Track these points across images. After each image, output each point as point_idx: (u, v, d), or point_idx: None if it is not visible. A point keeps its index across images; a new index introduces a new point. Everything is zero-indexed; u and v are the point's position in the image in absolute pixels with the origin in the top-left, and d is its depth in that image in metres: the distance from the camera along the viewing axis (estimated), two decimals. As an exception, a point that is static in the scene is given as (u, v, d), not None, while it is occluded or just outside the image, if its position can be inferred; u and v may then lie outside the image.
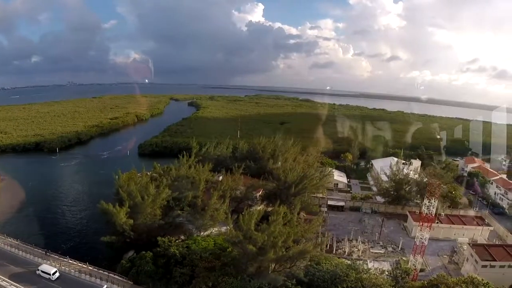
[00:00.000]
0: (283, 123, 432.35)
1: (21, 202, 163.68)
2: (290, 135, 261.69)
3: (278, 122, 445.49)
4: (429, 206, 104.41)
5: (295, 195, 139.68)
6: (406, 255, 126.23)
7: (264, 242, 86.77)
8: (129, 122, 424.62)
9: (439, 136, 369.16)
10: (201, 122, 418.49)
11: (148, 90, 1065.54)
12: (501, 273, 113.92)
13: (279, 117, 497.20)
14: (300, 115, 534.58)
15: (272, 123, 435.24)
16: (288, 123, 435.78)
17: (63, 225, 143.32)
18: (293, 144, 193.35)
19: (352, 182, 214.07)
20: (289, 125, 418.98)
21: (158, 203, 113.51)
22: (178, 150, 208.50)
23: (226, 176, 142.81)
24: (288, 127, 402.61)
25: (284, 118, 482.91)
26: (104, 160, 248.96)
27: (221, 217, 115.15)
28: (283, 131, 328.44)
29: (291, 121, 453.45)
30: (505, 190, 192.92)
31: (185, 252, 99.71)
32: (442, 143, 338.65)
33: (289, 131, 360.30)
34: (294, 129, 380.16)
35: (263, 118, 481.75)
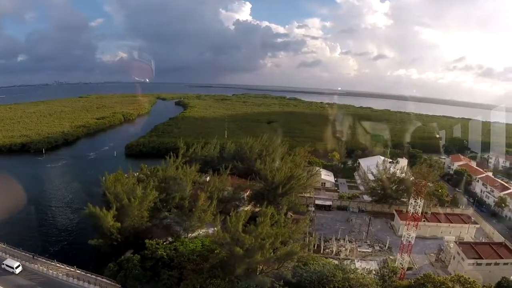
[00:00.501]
0: (271, 122, 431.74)
1: (7, 204, 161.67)
2: (278, 135, 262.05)
3: (266, 121, 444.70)
4: (415, 206, 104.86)
5: (283, 195, 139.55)
6: (393, 254, 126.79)
7: (252, 244, 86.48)
8: (115, 122, 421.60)
9: (426, 135, 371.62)
10: (188, 121, 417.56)
11: (135, 89, 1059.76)
12: (487, 270, 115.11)
13: (267, 116, 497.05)
14: (287, 114, 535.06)
15: (260, 122, 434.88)
16: (275, 122, 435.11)
17: (51, 228, 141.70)
18: (280, 144, 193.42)
19: (339, 181, 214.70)
20: (277, 124, 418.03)
21: (145, 205, 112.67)
22: (165, 150, 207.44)
23: (213, 177, 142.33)
24: (275, 126, 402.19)
25: (271, 117, 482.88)
26: (91, 161, 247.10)
27: (209, 218, 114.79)
28: (271, 130, 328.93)
29: (279, 120, 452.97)
30: (491, 188, 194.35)
31: (173, 254, 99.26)
32: (429, 141, 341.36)
33: (277, 130, 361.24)
34: (281, 128, 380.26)
35: (251, 117, 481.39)
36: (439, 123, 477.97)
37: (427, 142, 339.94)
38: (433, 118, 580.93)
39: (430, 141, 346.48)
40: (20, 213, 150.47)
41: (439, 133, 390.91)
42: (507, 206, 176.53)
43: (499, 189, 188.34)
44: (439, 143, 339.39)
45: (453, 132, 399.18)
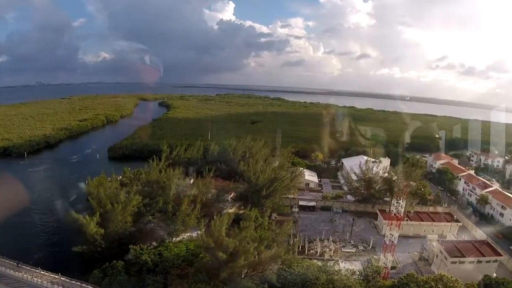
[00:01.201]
0: (254, 123, 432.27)
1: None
2: (261, 135, 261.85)
3: (249, 121, 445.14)
4: (397, 206, 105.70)
5: (267, 197, 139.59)
6: (377, 253, 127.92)
7: (235, 248, 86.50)
8: (98, 124, 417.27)
9: (409, 133, 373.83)
10: (172, 123, 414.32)
11: (117, 90, 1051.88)
12: (470, 268, 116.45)
13: (250, 116, 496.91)
14: (271, 114, 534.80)
15: (243, 122, 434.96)
16: (259, 122, 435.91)
17: (34, 235, 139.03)
18: (263, 145, 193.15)
19: (323, 181, 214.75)
20: (260, 124, 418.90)
21: (128, 210, 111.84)
22: (148, 152, 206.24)
23: (197, 180, 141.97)
24: (259, 126, 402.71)
25: (255, 117, 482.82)
26: (73, 164, 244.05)
27: (193, 222, 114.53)
28: (254, 131, 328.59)
29: (262, 120, 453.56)
30: (472, 186, 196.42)
31: (157, 260, 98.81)
32: (412, 140, 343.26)
33: (260, 130, 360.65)
34: (265, 128, 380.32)
35: (234, 118, 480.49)
36: (422, 122, 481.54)
37: (410, 140, 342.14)
38: (416, 116, 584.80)
39: (412, 139, 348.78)
40: (1, 220, 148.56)
41: (422, 131, 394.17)
42: (489, 204, 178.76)
43: (481, 187, 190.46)
44: (421, 142, 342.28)
45: (436, 130, 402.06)
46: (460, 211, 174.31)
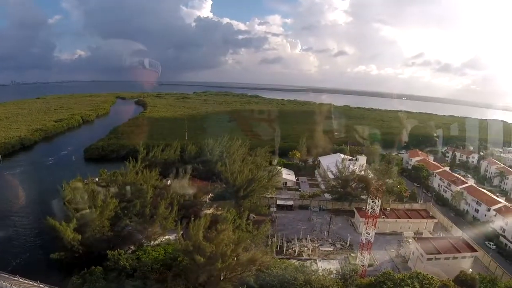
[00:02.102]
0: (232, 121, 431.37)
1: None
2: (239, 134, 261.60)
3: (227, 120, 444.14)
4: (373, 206, 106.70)
5: (244, 198, 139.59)
6: (354, 251, 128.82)
7: (213, 252, 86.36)
8: (74, 125, 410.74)
9: (385, 130, 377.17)
10: (149, 122, 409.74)
11: (94, 88, 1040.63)
12: (446, 264, 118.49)
13: (228, 114, 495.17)
14: (248, 112, 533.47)
15: (221, 121, 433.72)
16: (236, 120, 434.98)
17: (11, 241, 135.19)
18: (241, 144, 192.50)
19: (300, 179, 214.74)
20: (238, 122, 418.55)
21: (106, 215, 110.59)
22: (125, 153, 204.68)
23: (174, 182, 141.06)
24: (236, 124, 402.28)
25: (233, 115, 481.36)
26: (49, 167, 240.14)
27: (170, 225, 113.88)
28: (232, 130, 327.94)
29: (240, 118, 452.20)
30: (448, 182, 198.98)
31: (136, 265, 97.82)
32: (387, 137, 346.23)
33: (238, 129, 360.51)
34: (242, 126, 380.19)
35: (212, 116, 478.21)
36: (398, 118, 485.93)
37: (386, 137, 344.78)
38: (392, 113, 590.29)
39: (388, 136, 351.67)
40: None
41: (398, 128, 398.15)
42: (464, 200, 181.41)
43: (456, 183, 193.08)
44: (397, 139, 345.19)
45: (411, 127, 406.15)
46: (435, 208, 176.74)
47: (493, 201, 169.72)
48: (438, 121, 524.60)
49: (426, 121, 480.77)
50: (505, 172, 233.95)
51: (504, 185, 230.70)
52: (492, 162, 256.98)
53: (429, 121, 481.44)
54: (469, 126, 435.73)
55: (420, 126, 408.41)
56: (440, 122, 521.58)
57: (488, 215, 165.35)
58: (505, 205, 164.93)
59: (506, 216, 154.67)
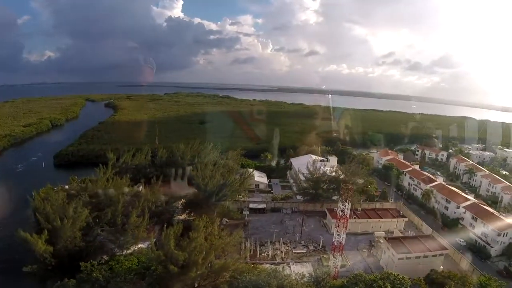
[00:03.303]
0: (203, 123, 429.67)
1: None
2: (210, 136, 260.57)
3: (199, 121, 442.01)
4: (343, 209, 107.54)
5: (216, 203, 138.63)
6: (327, 252, 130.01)
7: (186, 260, 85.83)
8: (43, 129, 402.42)
9: (356, 130, 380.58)
10: (119, 125, 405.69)
11: (63, 90, 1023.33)
12: (417, 263, 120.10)
13: (200, 116, 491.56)
14: (220, 113, 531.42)
15: (192, 123, 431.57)
16: (208, 122, 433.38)
17: None
18: (212, 148, 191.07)
19: (272, 181, 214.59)
20: (210, 124, 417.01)
21: (77, 226, 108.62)
22: (95, 158, 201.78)
23: (145, 189, 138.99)
24: (208, 126, 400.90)
25: (204, 117, 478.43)
26: (19, 174, 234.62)
27: (142, 234, 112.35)
28: (203, 132, 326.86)
29: (212, 120, 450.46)
30: (417, 180, 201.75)
31: (109, 275, 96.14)
32: (358, 136, 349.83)
33: (210, 130, 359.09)
34: (214, 128, 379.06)
35: (183, 118, 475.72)
36: (369, 117, 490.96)
37: (357, 137, 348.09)
38: (363, 112, 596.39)
39: (359, 136, 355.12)
40: None
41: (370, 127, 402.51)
42: (434, 198, 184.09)
43: (426, 182, 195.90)
44: (368, 138, 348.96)
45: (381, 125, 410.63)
46: (406, 206, 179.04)
47: (462, 199, 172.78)
48: (408, 119, 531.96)
49: (398, 119, 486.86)
50: (474, 169, 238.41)
51: (473, 182, 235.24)
52: (461, 159, 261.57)
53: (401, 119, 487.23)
54: (438, 124, 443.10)
55: (390, 125, 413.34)
56: (410, 120, 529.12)
57: (458, 213, 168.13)
58: (474, 202, 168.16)
59: (474, 213, 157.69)
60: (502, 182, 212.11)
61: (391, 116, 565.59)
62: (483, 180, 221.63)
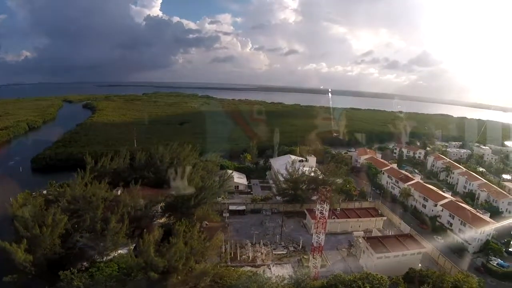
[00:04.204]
0: (183, 123, 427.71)
1: None
2: (190, 137, 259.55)
3: (178, 122, 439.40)
4: (321, 210, 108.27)
5: (196, 206, 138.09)
6: (307, 253, 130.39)
7: (165, 267, 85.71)
8: (20, 132, 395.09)
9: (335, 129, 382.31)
10: (97, 127, 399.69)
11: (41, 91, 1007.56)
12: (396, 262, 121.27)
13: (179, 117, 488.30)
14: (199, 114, 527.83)
15: (172, 124, 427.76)
16: (188, 122, 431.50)
17: None
18: (191, 149, 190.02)
19: (252, 182, 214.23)
20: (189, 125, 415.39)
21: (56, 233, 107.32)
22: (73, 162, 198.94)
23: (124, 193, 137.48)
24: (187, 127, 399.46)
25: (184, 117, 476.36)
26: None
27: (122, 240, 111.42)
28: (183, 133, 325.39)
29: (191, 120, 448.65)
30: (395, 179, 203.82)
31: (90, 283, 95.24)
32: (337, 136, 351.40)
33: (189, 131, 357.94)
34: (193, 129, 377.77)
35: (162, 119, 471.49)
36: (347, 116, 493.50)
37: (337, 136, 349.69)
38: (342, 111, 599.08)
39: (338, 134, 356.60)
40: None
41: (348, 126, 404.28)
42: (412, 196, 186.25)
43: (403, 180, 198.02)
44: (346, 137, 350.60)
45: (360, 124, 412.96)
46: (384, 205, 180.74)
47: (439, 197, 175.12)
48: (386, 117, 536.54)
49: (377, 117, 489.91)
50: (451, 167, 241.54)
51: (450, 179, 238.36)
52: (438, 157, 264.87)
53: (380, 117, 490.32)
54: (416, 122, 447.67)
55: (368, 123, 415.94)
56: (388, 118, 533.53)
57: (435, 211, 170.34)
58: (451, 200, 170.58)
59: (451, 211, 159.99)
60: (479, 179, 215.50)
61: (370, 114, 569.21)
62: (460, 177, 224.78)
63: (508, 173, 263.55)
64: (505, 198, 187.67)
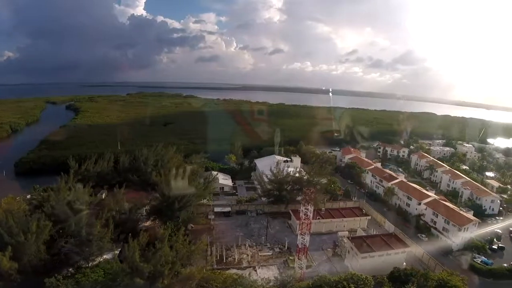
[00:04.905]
0: (167, 124, 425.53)
1: None
2: (174, 137, 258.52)
3: (162, 123, 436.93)
4: (306, 212, 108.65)
5: (181, 209, 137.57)
6: (292, 254, 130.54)
7: (151, 272, 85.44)
8: (3, 135, 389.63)
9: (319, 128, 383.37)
10: (80, 129, 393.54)
11: (24, 92, 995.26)
12: (380, 261, 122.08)
13: (163, 117, 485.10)
14: (183, 114, 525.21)
15: (156, 125, 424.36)
16: (172, 123, 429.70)
17: None
18: (176, 151, 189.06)
19: (237, 183, 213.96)
20: (173, 126, 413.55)
21: (41, 239, 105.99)
22: (57, 165, 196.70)
23: (108, 198, 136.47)
24: (172, 128, 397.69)
25: (168, 118, 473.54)
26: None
27: (107, 245, 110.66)
28: (167, 134, 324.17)
29: (175, 121, 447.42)
30: (379, 178, 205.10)
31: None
32: (322, 134, 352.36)
33: (173, 132, 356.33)
34: (178, 130, 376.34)
35: (147, 120, 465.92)
36: (332, 115, 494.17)
37: (321, 135, 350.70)
38: (326, 109, 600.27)
39: (323, 134, 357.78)
40: None
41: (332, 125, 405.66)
42: (395, 195, 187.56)
43: (387, 179, 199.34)
44: (331, 136, 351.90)
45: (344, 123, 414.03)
46: (369, 204, 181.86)
47: (423, 195, 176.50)
48: (370, 116, 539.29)
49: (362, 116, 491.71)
50: (434, 165, 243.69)
51: (434, 177, 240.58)
52: (421, 155, 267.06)
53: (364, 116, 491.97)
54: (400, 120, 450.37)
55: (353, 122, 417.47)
56: (371, 116, 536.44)
57: (419, 209, 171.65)
58: (434, 199, 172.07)
59: (435, 209, 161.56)
60: (462, 177, 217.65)
61: (355, 113, 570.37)
62: (444, 176, 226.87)
63: (491, 171, 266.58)
64: (488, 195, 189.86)
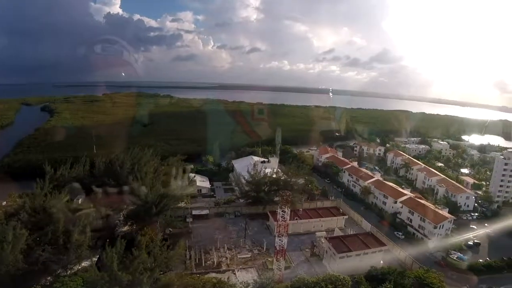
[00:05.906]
0: (145, 125, 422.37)
1: None
2: (152, 139, 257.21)
3: (139, 124, 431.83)
4: (283, 215, 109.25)
5: (158, 214, 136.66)
6: (271, 255, 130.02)
7: (130, 281, 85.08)
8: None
9: (297, 127, 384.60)
10: (56, 132, 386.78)
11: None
12: (358, 260, 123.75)
13: (140, 118, 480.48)
14: (161, 114, 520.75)
15: (133, 125, 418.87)
16: (150, 124, 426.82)
17: None
18: (152, 154, 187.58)
19: (215, 185, 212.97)
20: (151, 127, 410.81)
21: (18, 248, 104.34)
22: (33, 170, 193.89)
23: (85, 202, 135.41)
24: (150, 129, 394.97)
25: (145, 119, 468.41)
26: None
27: (85, 253, 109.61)
28: (144, 135, 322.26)
29: (153, 122, 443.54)
30: (356, 177, 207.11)
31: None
32: (299, 134, 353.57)
33: (152, 133, 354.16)
34: (155, 131, 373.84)
35: (123, 121, 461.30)
36: (310, 114, 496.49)
37: (298, 134, 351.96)
38: (304, 109, 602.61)
39: (300, 133, 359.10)
40: None
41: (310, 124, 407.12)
42: (372, 194, 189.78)
43: (364, 178, 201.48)
44: (308, 135, 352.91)
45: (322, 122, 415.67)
46: (346, 203, 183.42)
47: (398, 194, 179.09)
48: (347, 115, 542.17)
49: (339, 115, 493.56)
50: (409, 163, 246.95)
51: (409, 175, 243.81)
52: (397, 154, 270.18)
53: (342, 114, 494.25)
54: (376, 119, 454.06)
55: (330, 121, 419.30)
56: (349, 115, 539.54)
57: (395, 207, 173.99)
58: (410, 197, 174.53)
59: (411, 207, 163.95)
60: (437, 175, 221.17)
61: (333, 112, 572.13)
62: (419, 173, 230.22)
63: (466, 168, 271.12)
64: (462, 192, 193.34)
